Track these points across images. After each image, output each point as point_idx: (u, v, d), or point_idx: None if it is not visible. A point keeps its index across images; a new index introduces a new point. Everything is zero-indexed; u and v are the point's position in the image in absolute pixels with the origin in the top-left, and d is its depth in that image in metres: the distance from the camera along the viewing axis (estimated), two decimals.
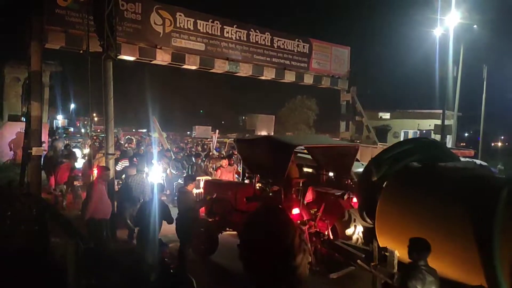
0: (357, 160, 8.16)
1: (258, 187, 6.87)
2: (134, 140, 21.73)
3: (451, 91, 18.73)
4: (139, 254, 6.24)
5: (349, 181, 7.07)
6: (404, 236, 4.02)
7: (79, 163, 13.41)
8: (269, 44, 13.86)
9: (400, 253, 4.32)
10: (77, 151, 16.10)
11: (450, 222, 3.92)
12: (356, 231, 6.49)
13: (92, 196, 6.27)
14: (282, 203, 5.89)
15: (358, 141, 17.43)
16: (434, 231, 3.98)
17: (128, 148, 15.70)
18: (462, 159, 10.32)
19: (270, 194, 6.48)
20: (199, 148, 18.76)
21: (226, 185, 7.81)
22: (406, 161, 4.80)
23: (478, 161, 10.90)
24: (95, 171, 9.73)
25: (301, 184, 6.51)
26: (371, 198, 4.80)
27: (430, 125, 25.75)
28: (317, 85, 16.27)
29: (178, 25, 11.66)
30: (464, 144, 32.87)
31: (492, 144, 43.56)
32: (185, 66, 12.42)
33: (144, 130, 29.82)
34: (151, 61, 11.72)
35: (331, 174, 7.61)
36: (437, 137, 21.04)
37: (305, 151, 8.08)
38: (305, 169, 8.21)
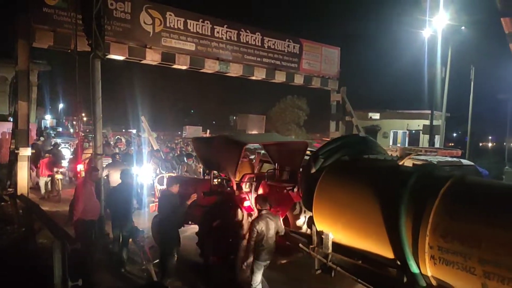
0: None
1: (216, 183, 7.46)
2: (123, 140, 21.56)
3: (440, 92, 18.94)
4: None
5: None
6: (337, 220, 4.91)
7: (66, 163, 13.38)
8: (260, 44, 13.88)
9: (334, 235, 5.04)
10: (66, 151, 15.99)
11: (371, 205, 4.45)
12: (305, 221, 6.92)
13: (80, 197, 6.21)
14: (235, 196, 6.46)
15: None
16: (359, 214, 4.61)
17: (115, 149, 15.62)
18: (449, 159, 10.52)
19: (228, 188, 7.02)
20: (189, 148, 18.70)
21: (188, 181, 8.24)
22: (339, 155, 5.42)
23: (464, 161, 11.07)
24: (80, 167, 9.71)
25: (254, 179, 7.28)
26: (310, 189, 5.33)
27: (419, 125, 26.04)
28: (307, 86, 16.33)
29: (168, 24, 11.60)
30: (452, 144, 33.26)
31: (480, 144, 44.22)
32: (175, 66, 12.38)
33: (134, 131, 29.61)
34: (140, 60, 11.65)
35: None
36: (426, 137, 21.29)
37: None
38: (266, 165, 8.89)
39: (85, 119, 37.48)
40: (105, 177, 8.21)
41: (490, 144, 45.00)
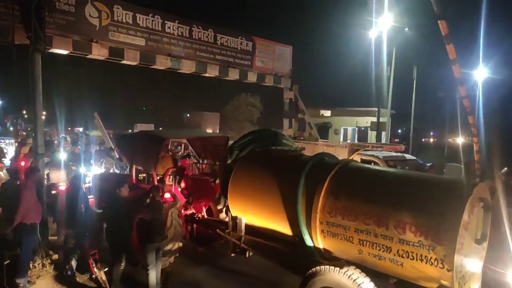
0: None
1: (142, 177, 7.82)
2: (68, 139, 20.47)
3: (386, 90, 19.86)
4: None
5: None
6: (249, 205, 5.43)
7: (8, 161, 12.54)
8: (213, 41, 13.77)
9: (246, 219, 5.58)
10: (10, 149, 14.97)
11: (275, 190, 5.04)
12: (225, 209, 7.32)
13: (21, 200, 5.80)
14: (158, 190, 6.71)
15: (301, 138, 17.93)
16: (266, 198, 5.16)
17: (58, 148, 14.80)
18: (394, 154, 11.08)
19: (155, 182, 7.23)
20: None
21: (113, 177, 8.49)
22: (252, 147, 5.94)
23: (408, 156, 11.72)
24: (22, 163, 9.18)
25: (176, 173, 7.68)
26: (226, 178, 5.79)
27: (367, 122, 27.17)
28: (260, 83, 16.46)
29: (115, 18, 11.17)
30: (397, 140, 35.06)
31: (423, 139, 46.98)
32: (124, 62, 11.94)
33: (81, 129, 28.22)
34: (86, 55, 11.11)
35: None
36: (374, 134, 22.26)
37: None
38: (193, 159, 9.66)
39: (26, 116, 35.20)
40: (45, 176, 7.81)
41: (431, 140, 47.90)
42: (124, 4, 11.38)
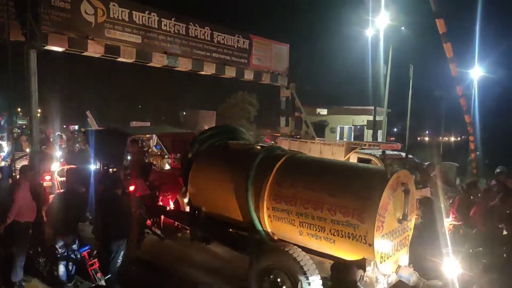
0: None
1: (111, 171, 8.19)
2: (64, 137, 20.29)
3: (382, 89, 19.89)
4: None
5: None
6: (207, 196, 5.89)
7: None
8: (209, 39, 13.70)
9: (205, 208, 5.99)
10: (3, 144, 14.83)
11: (230, 181, 5.49)
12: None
13: (15, 198, 5.75)
14: (122, 183, 7.08)
15: (298, 136, 17.93)
16: (222, 188, 5.59)
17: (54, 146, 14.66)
18: (390, 152, 11.09)
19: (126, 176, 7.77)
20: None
21: (82, 172, 8.78)
22: (211, 141, 6.36)
23: (404, 154, 11.73)
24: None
25: (144, 167, 8.15)
26: (188, 171, 6.22)
27: (363, 121, 27.23)
28: (257, 81, 16.41)
29: (111, 15, 11.07)
30: (393, 138, 35.15)
31: (418, 138, 47.16)
32: (120, 59, 11.86)
33: (76, 126, 28.04)
34: (82, 52, 11.02)
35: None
36: (370, 132, 22.30)
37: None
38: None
39: (21, 114, 34.89)
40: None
41: (427, 139, 48.06)
42: (120, 1, 11.29)
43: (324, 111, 32.95)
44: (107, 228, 5.82)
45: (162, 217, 7.69)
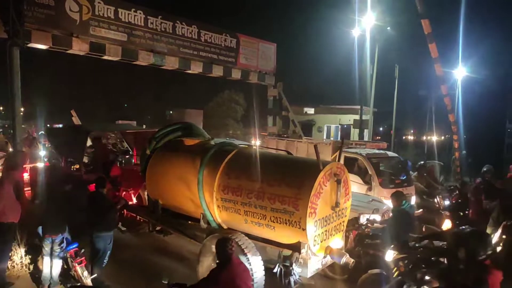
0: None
1: (75, 168, 8.61)
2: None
3: (369, 88, 20.09)
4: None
5: None
6: (163, 189, 6.22)
7: None
8: (196, 37, 13.62)
9: (162, 201, 6.37)
10: None
11: (185, 174, 5.82)
12: None
13: None
14: (84, 179, 7.39)
15: (285, 135, 17.99)
16: (177, 182, 5.93)
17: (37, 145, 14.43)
18: (376, 151, 11.23)
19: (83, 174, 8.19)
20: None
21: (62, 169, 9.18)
22: (168, 138, 6.68)
23: (390, 153, 11.89)
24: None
25: (106, 164, 8.52)
26: (145, 166, 6.62)
27: (350, 120, 27.48)
28: (244, 80, 16.40)
29: (96, 13, 10.91)
30: (379, 137, 35.57)
31: (404, 137, 47.76)
32: (105, 57, 11.69)
33: (60, 125, 27.54)
34: (66, 50, 10.82)
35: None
36: (356, 131, 22.50)
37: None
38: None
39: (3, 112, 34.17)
40: None
41: (412, 138, 48.69)
42: None
43: (311, 111, 33.13)
44: (93, 227, 5.75)
45: (125, 211, 8.11)
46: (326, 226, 5.13)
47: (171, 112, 41.52)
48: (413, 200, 9.88)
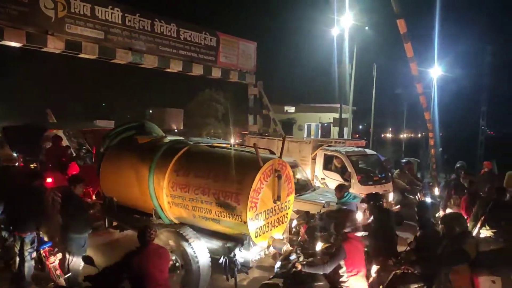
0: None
1: (34, 166, 8.71)
2: None
3: (348, 87, 20.34)
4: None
5: None
6: (117, 186, 6.34)
7: None
8: (175, 35, 13.50)
9: (116, 198, 6.52)
10: None
11: (136, 171, 5.97)
12: None
13: None
14: (42, 175, 7.33)
15: (266, 134, 18.05)
16: (129, 178, 6.06)
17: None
18: (356, 149, 11.40)
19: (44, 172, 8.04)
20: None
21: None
22: (122, 136, 6.80)
23: (369, 150, 12.10)
24: None
25: (64, 162, 8.61)
26: (99, 164, 6.74)
27: (330, 119, 27.82)
28: (225, 79, 16.36)
29: (72, 10, 10.67)
30: (358, 135, 36.10)
31: (382, 135, 48.64)
32: (82, 55, 11.46)
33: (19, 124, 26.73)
34: (41, 48, 10.56)
35: None
36: (336, 129, 22.80)
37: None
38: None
39: None
40: None
41: (390, 135, 49.63)
42: None
43: (291, 109, 33.33)
44: (66, 227, 5.64)
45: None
46: (268, 218, 5.46)
47: (150, 111, 40.96)
48: (391, 196, 10.10)
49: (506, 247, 4.36)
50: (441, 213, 8.32)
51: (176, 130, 36.71)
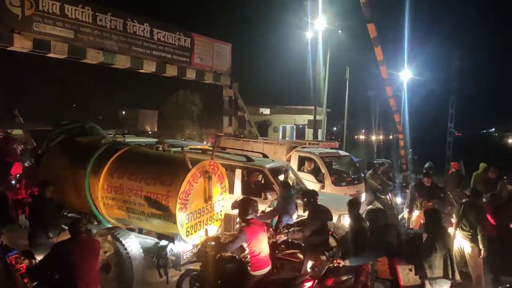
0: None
1: None
2: None
3: (322, 89, 20.62)
4: None
5: None
6: (57, 187, 6.10)
7: None
8: (149, 35, 13.32)
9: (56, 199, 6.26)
10: None
11: (74, 172, 6.07)
12: None
13: None
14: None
15: (241, 136, 18.05)
16: (67, 179, 6.12)
17: None
18: (329, 150, 11.57)
19: None
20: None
21: None
22: (61, 137, 6.77)
23: (342, 152, 12.30)
24: None
25: (6, 161, 8.67)
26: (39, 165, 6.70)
27: (304, 120, 28.09)
28: (199, 80, 16.26)
29: (40, 8, 10.33)
30: (333, 137, 36.65)
31: (356, 137, 49.60)
32: (50, 55, 11.11)
33: None
34: (7, 47, 10.18)
35: None
36: (311, 131, 23.04)
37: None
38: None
39: None
40: None
41: (363, 137, 50.65)
42: None
43: (267, 111, 33.45)
44: (36, 232, 5.47)
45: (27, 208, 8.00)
46: (200, 217, 5.69)
47: (123, 112, 40.22)
48: (363, 197, 10.30)
49: (416, 236, 4.74)
50: (406, 215, 8.54)
51: (150, 132, 36.17)
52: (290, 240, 5.62)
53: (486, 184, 9.43)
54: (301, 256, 5.36)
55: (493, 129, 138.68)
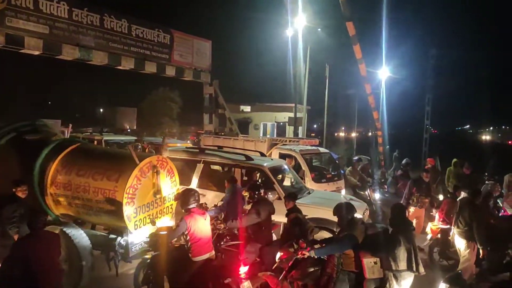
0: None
1: None
2: None
3: (302, 87, 20.73)
4: None
5: None
6: (6, 184, 5.90)
7: None
8: (127, 32, 13.09)
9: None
10: None
11: (23, 169, 5.94)
12: None
13: None
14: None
15: (222, 133, 17.98)
16: (17, 175, 5.80)
17: None
18: (310, 147, 11.67)
19: None
20: None
21: None
22: (10, 136, 6.62)
23: (322, 149, 12.42)
24: None
25: None
26: None
27: (285, 118, 28.16)
28: (179, 77, 16.10)
29: (13, 2, 10.01)
30: (313, 134, 36.95)
31: (336, 134, 50.20)
32: (24, 51, 10.78)
33: None
34: None
35: None
36: (291, 129, 23.17)
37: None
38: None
39: None
40: None
41: (342, 134, 51.32)
42: None
43: (247, 108, 33.39)
44: (5, 233, 5.32)
45: None
46: (149, 211, 5.82)
47: (101, 110, 39.43)
48: (343, 192, 10.43)
49: (384, 230, 4.83)
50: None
51: (129, 130, 35.60)
52: (227, 229, 5.84)
53: (459, 179, 9.70)
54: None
55: (468, 126, 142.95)
